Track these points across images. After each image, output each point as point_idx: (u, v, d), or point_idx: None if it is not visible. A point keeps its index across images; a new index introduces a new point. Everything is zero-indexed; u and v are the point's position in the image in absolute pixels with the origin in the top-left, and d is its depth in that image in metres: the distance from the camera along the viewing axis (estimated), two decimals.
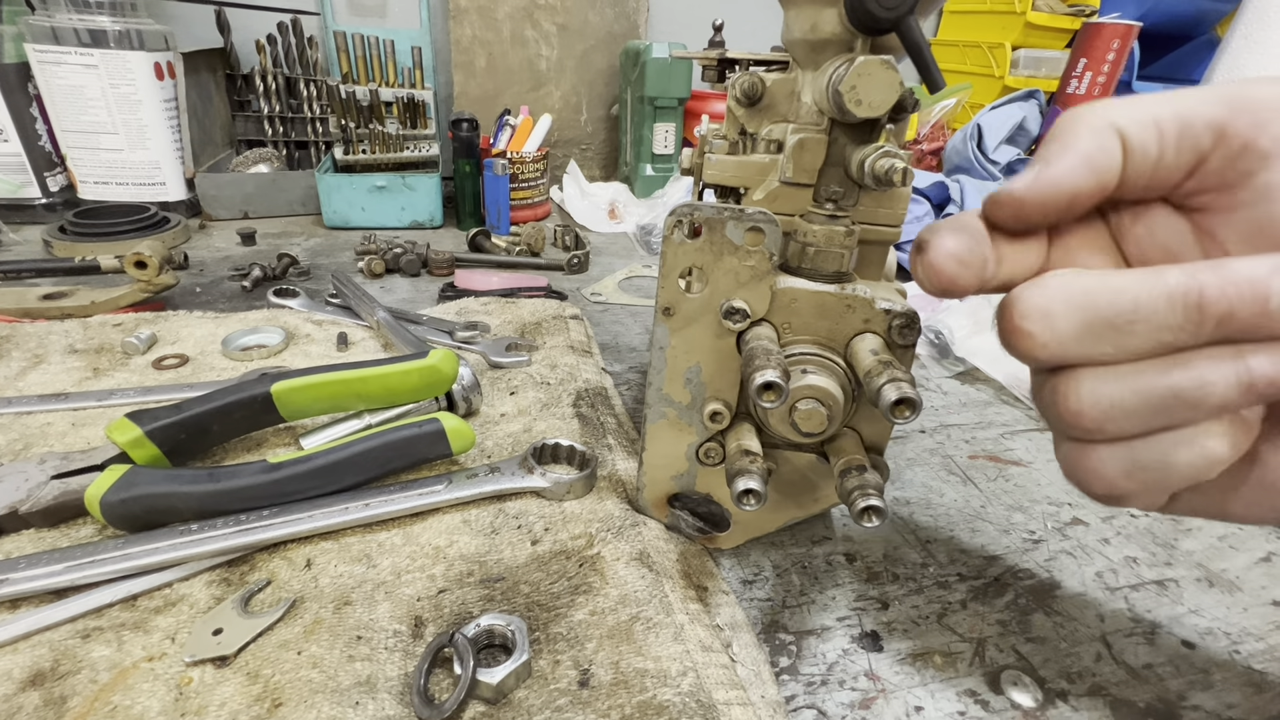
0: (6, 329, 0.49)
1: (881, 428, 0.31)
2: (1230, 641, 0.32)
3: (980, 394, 0.54)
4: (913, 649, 0.30)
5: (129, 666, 0.25)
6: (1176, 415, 0.18)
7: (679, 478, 0.34)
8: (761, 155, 0.32)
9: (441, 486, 0.34)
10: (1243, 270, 0.17)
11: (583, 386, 0.47)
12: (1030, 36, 1.11)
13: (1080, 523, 0.39)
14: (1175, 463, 0.19)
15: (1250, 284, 0.17)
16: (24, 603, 0.28)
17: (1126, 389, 0.19)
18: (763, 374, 0.24)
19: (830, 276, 0.29)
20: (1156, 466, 0.19)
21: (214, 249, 0.75)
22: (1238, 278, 0.17)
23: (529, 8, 1.05)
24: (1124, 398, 0.19)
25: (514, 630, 0.27)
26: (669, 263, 0.29)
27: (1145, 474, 0.19)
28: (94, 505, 0.30)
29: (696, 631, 0.28)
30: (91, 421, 0.40)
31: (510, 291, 0.64)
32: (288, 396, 0.36)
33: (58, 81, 0.74)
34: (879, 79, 0.25)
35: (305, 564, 0.31)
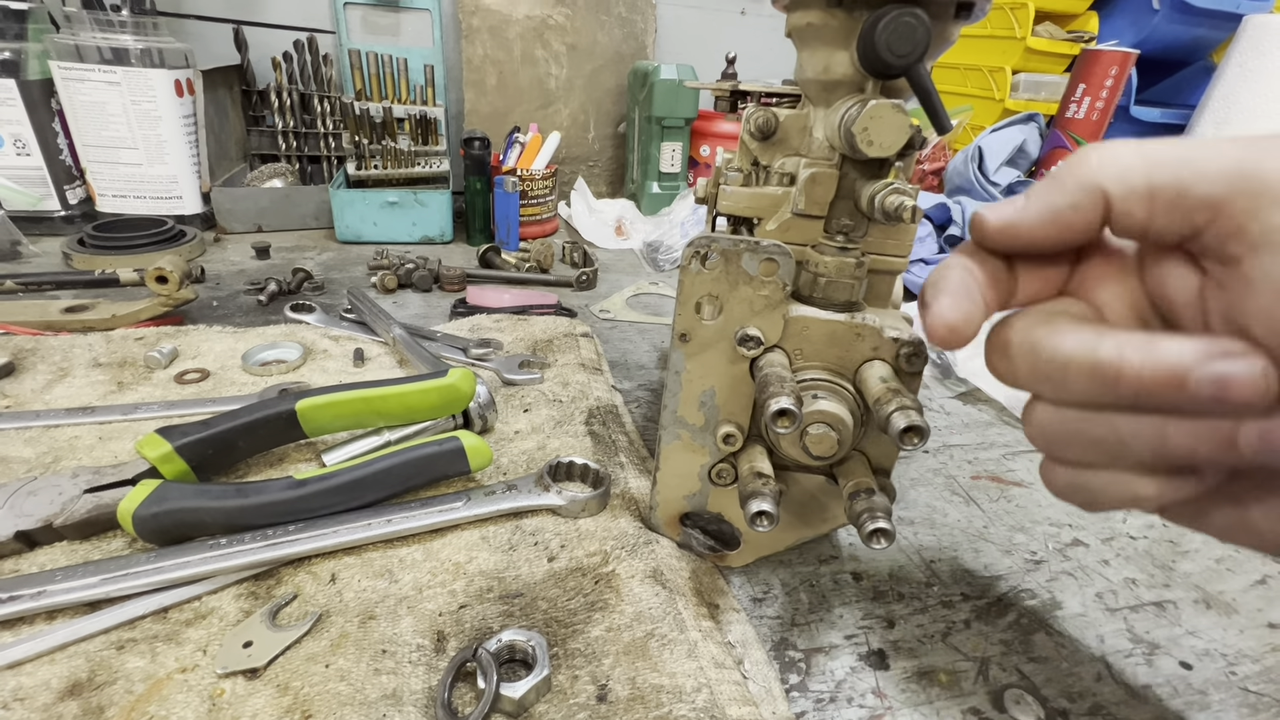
0: (31, 342, 0.50)
1: (889, 450, 0.32)
2: (1227, 663, 0.33)
3: (982, 415, 0.55)
4: (918, 667, 0.31)
5: (163, 678, 0.26)
6: (1103, 457, 0.20)
7: (691, 497, 0.35)
8: (774, 187, 0.34)
9: (460, 503, 0.35)
10: (1169, 352, 0.18)
11: (594, 404, 0.48)
12: (1030, 61, 1.13)
13: (1080, 544, 0.40)
14: (1106, 494, 0.21)
15: (1168, 368, 0.18)
16: (60, 614, 0.29)
17: (1061, 426, 0.21)
18: (777, 401, 0.25)
19: (841, 306, 0.30)
20: (1091, 493, 0.22)
21: (229, 262, 0.77)
22: (1157, 360, 0.18)
23: (539, 28, 1.07)
24: (1060, 432, 0.21)
25: (534, 646, 0.28)
26: (686, 291, 0.30)
27: (1085, 494, 0.22)
28: (126, 519, 0.31)
29: (709, 648, 0.29)
30: (118, 435, 0.41)
31: (522, 309, 0.65)
32: (311, 414, 0.38)
33: (80, 98, 0.75)
34: (890, 122, 0.27)
35: (330, 578, 0.32)
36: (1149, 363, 0.18)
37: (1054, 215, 0.21)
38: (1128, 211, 0.20)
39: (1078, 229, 0.21)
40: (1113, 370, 0.18)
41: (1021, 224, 0.21)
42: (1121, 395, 0.19)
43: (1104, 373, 0.19)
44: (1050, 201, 0.21)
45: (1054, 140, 1.08)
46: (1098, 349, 0.19)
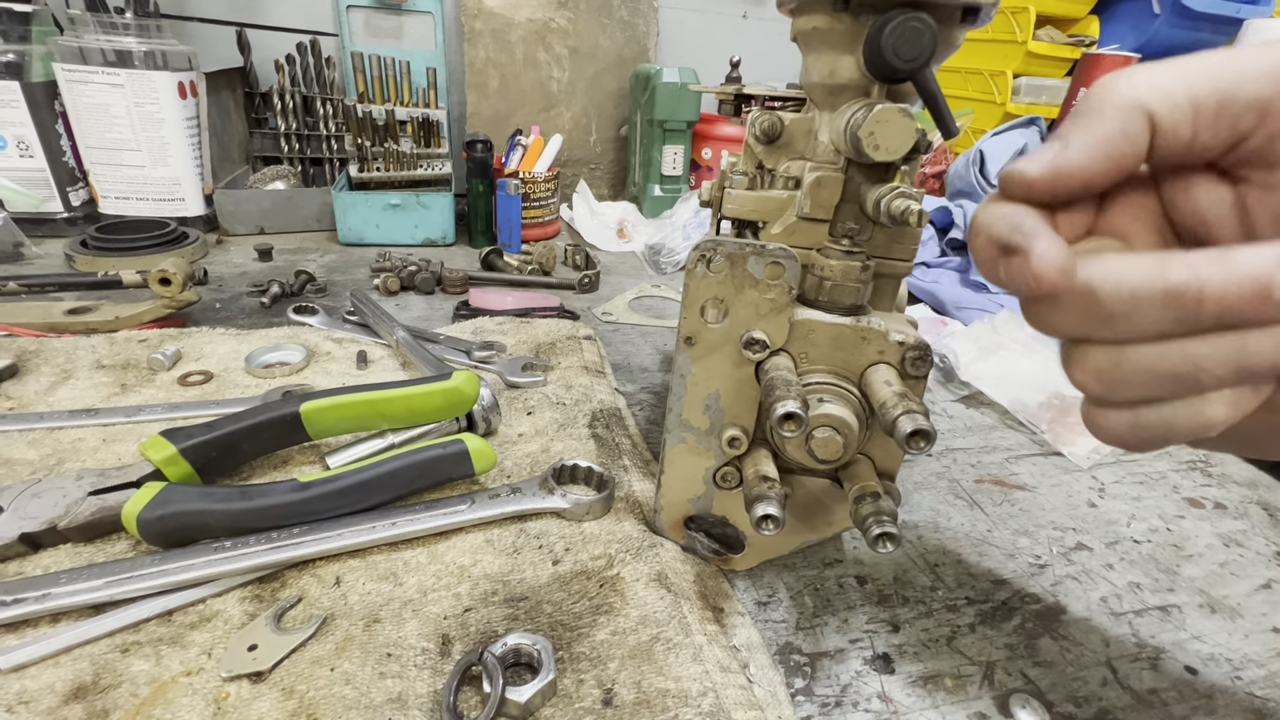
0: (35, 344, 0.50)
1: (894, 454, 0.32)
2: (1232, 668, 0.33)
3: (985, 418, 0.55)
4: (924, 671, 0.31)
5: (168, 681, 0.26)
6: (1174, 388, 0.19)
7: (696, 500, 0.35)
8: (779, 191, 0.34)
9: (465, 506, 0.35)
10: (1246, 264, 0.17)
11: (597, 407, 0.48)
12: (1031, 65, 1.13)
13: (1085, 548, 0.40)
14: (1175, 427, 0.20)
15: (1253, 279, 0.16)
16: (64, 617, 0.29)
17: (1127, 366, 0.19)
18: (784, 404, 0.25)
19: (846, 309, 0.30)
20: (1157, 428, 0.20)
21: (232, 264, 0.77)
22: (1240, 273, 0.17)
23: (541, 31, 1.07)
24: (1125, 373, 0.19)
25: (540, 649, 0.27)
26: (691, 294, 0.30)
27: (1147, 432, 0.20)
28: (131, 522, 0.31)
29: (715, 652, 0.29)
30: (121, 437, 0.41)
31: (524, 311, 0.65)
32: (316, 416, 0.37)
33: (84, 100, 0.75)
34: (896, 126, 0.27)
35: (335, 581, 0.31)
36: (1231, 279, 0.17)
37: (1105, 148, 0.19)
38: (1174, 129, 0.18)
39: (1130, 158, 0.19)
40: (1193, 294, 0.17)
41: (1072, 166, 0.19)
42: (1203, 318, 0.17)
43: (1182, 298, 0.17)
44: (1098, 134, 0.19)
45: None
46: (1168, 275, 0.17)
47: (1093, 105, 0.19)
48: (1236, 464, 0.51)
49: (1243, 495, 0.47)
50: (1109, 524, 0.43)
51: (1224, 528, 0.43)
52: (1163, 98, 0.18)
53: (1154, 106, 0.18)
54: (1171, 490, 0.47)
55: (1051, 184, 0.19)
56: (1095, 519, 0.43)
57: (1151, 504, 0.45)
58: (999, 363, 0.59)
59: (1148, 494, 0.46)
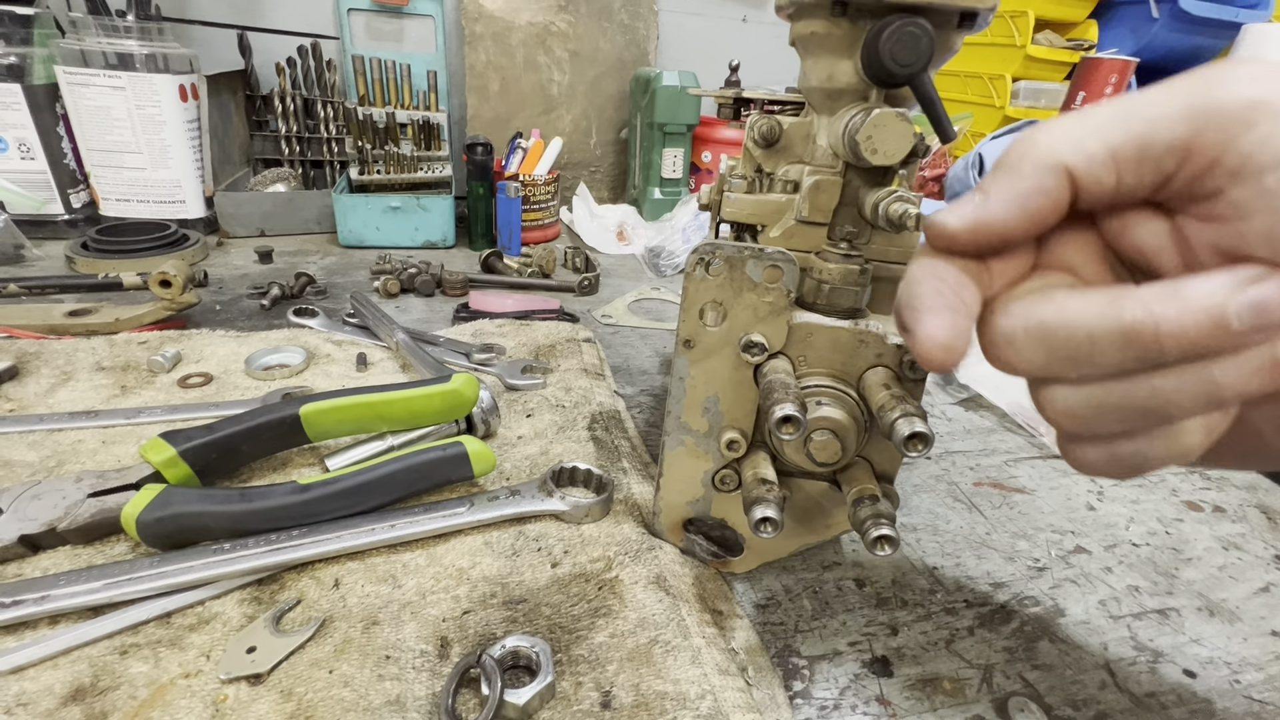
0: (35, 345, 0.50)
1: (892, 457, 0.32)
2: (1231, 671, 0.33)
3: (984, 421, 0.56)
4: (922, 675, 0.31)
5: (166, 683, 0.26)
6: (1145, 421, 0.19)
7: (695, 503, 0.35)
8: (778, 195, 0.34)
9: (464, 509, 0.35)
10: (1197, 297, 0.17)
11: (597, 409, 0.48)
12: (1030, 69, 1.13)
13: (1083, 551, 0.40)
14: (1151, 457, 0.20)
15: (1206, 312, 0.16)
16: (63, 619, 0.29)
17: (1095, 404, 0.19)
18: (782, 407, 0.25)
19: (844, 312, 0.30)
20: (1134, 460, 0.20)
21: (232, 266, 0.77)
22: (1194, 307, 0.17)
23: (542, 34, 1.08)
24: (1094, 411, 0.19)
25: (538, 652, 0.27)
26: (690, 297, 0.30)
27: (1125, 463, 0.20)
28: (130, 524, 0.31)
29: (713, 655, 0.29)
30: (121, 439, 0.41)
31: (524, 314, 0.66)
32: (315, 418, 0.38)
33: (85, 102, 0.76)
34: (894, 130, 0.27)
35: (333, 583, 0.31)
36: (1186, 313, 0.17)
37: (1022, 203, 0.19)
38: (1095, 180, 0.19)
39: (1048, 212, 0.20)
40: (1149, 330, 0.17)
41: (991, 220, 0.20)
42: (1165, 354, 0.17)
43: (1139, 335, 0.17)
44: (1014, 190, 0.19)
45: None
46: (1122, 313, 0.17)
47: (1013, 161, 0.20)
48: None
49: (1241, 498, 0.47)
50: (1108, 527, 0.43)
51: (1223, 531, 0.43)
52: (1078, 152, 0.19)
53: (1070, 161, 0.19)
54: (1170, 493, 0.47)
55: (971, 237, 0.20)
56: (1094, 522, 0.43)
57: (1150, 507, 0.45)
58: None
59: (1146, 497, 0.46)
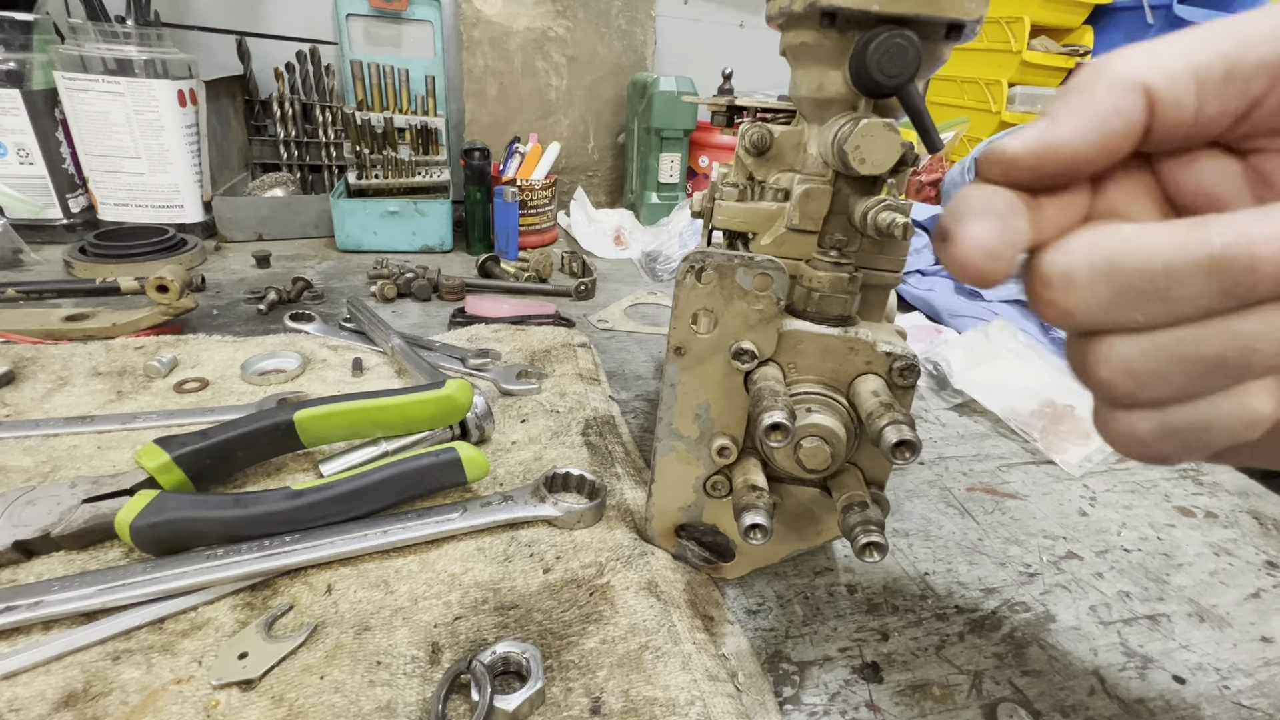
0: (32, 350, 0.50)
1: (883, 463, 0.32)
2: (1220, 677, 0.33)
3: (978, 426, 0.56)
4: (912, 680, 0.31)
5: (158, 689, 0.26)
6: (1219, 380, 0.16)
7: (686, 509, 0.35)
8: (769, 203, 0.34)
9: (456, 514, 0.36)
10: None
11: (591, 415, 0.48)
12: (1026, 74, 1.14)
13: (1075, 557, 0.41)
14: (1215, 427, 0.17)
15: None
16: (56, 624, 0.29)
17: (1163, 356, 0.17)
18: (771, 415, 0.26)
19: (834, 320, 0.30)
20: (1194, 430, 0.17)
21: (229, 271, 0.77)
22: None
23: (540, 40, 1.08)
24: (1161, 365, 0.17)
25: (528, 658, 0.28)
26: (681, 305, 0.30)
27: (1182, 437, 0.18)
28: (124, 530, 0.31)
29: (703, 661, 0.29)
30: (117, 444, 0.41)
31: (520, 319, 0.66)
32: (309, 424, 0.38)
33: (84, 108, 0.76)
34: (882, 140, 0.27)
35: (326, 589, 0.32)
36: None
37: (1097, 124, 0.17)
38: (1176, 103, 0.17)
39: (1123, 137, 0.17)
40: (1244, 256, 0.15)
41: (1060, 143, 0.17)
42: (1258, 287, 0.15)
43: (1232, 263, 0.15)
44: (1089, 110, 0.17)
45: None
46: (1209, 236, 0.15)
47: (1083, 82, 0.18)
48: (1228, 472, 0.51)
49: (1233, 504, 0.47)
50: (1100, 533, 0.43)
51: (1214, 536, 0.44)
52: (1160, 71, 0.17)
53: (1151, 81, 0.17)
54: (1163, 499, 0.47)
55: (1035, 162, 0.18)
56: (1086, 527, 0.43)
57: (1142, 512, 0.46)
58: (992, 371, 0.60)
59: (1139, 502, 0.47)
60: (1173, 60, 0.17)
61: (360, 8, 1.00)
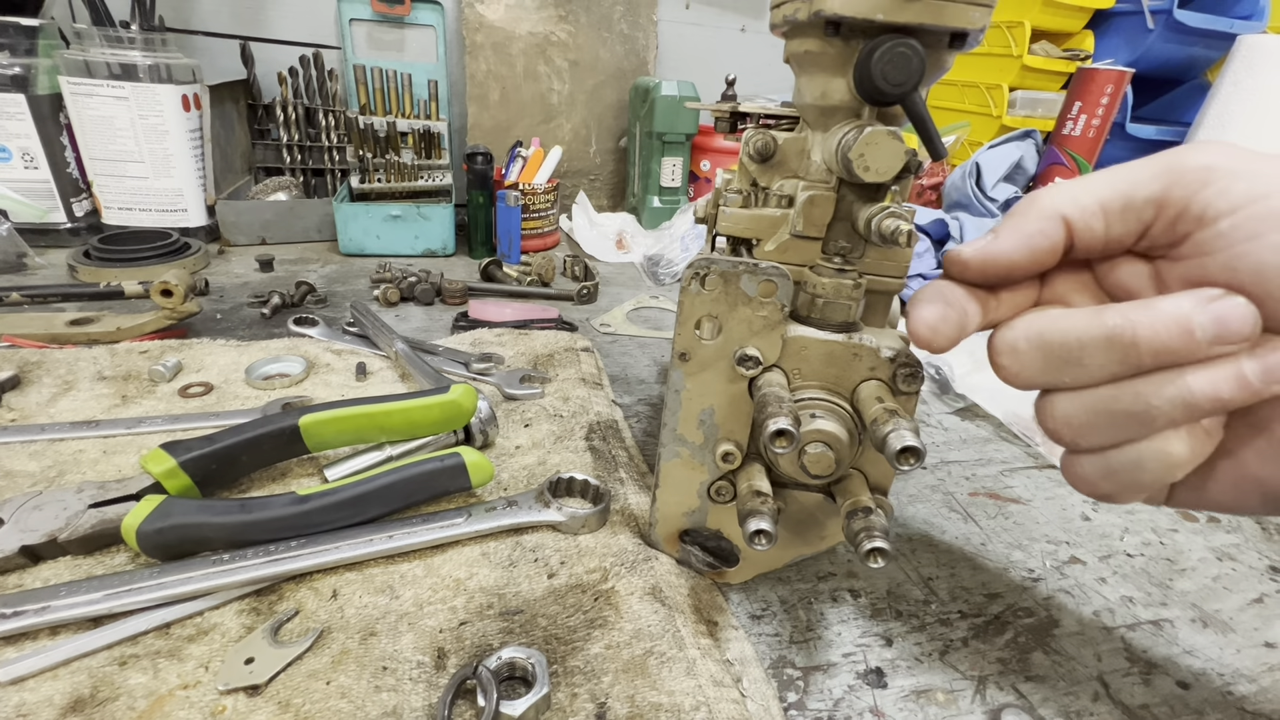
0: (37, 355, 0.50)
1: (886, 469, 0.32)
2: (1224, 682, 0.33)
3: (980, 430, 0.56)
4: (916, 686, 0.31)
5: (165, 694, 0.26)
6: (1133, 429, 0.22)
7: (690, 514, 0.35)
8: (773, 209, 0.34)
9: (461, 519, 0.36)
10: (1168, 307, 0.21)
11: (594, 419, 0.48)
12: (1027, 79, 1.14)
13: (1078, 561, 0.41)
14: (1142, 467, 0.22)
15: (1175, 320, 0.20)
16: (63, 629, 0.29)
17: (1090, 410, 0.22)
18: (775, 421, 0.26)
19: (838, 326, 0.30)
20: (1126, 471, 0.23)
21: (233, 275, 0.77)
22: (1165, 315, 0.20)
23: (542, 44, 1.08)
24: (1089, 417, 0.23)
25: (534, 663, 0.28)
26: (686, 311, 0.30)
27: (1119, 477, 0.23)
28: (130, 535, 0.31)
29: (708, 666, 0.29)
30: (122, 449, 0.41)
31: (523, 323, 0.66)
32: (314, 429, 0.38)
33: (88, 112, 0.76)
34: (886, 149, 0.27)
35: (331, 594, 0.32)
36: (1158, 319, 0.20)
37: (1025, 242, 0.24)
38: (1088, 227, 0.23)
39: (1046, 250, 0.24)
40: (1128, 333, 0.21)
41: (998, 254, 0.24)
42: (1142, 357, 0.21)
43: (1119, 338, 0.21)
44: (1020, 231, 0.24)
45: (1051, 157, 1.09)
46: (1105, 319, 0.21)
47: (1020, 210, 0.25)
48: None
49: None
50: (1102, 537, 0.43)
51: (1217, 541, 0.44)
52: (1075, 205, 0.23)
53: (1068, 212, 0.24)
54: None
55: (981, 265, 0.25)
56: (1089, 532, 0.44)
57: (1145, 517, 0.46)
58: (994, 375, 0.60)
59: (1141, 507, 0.47)
60: (1085, 196, 0.23)
61: (363, 12, 1.01)
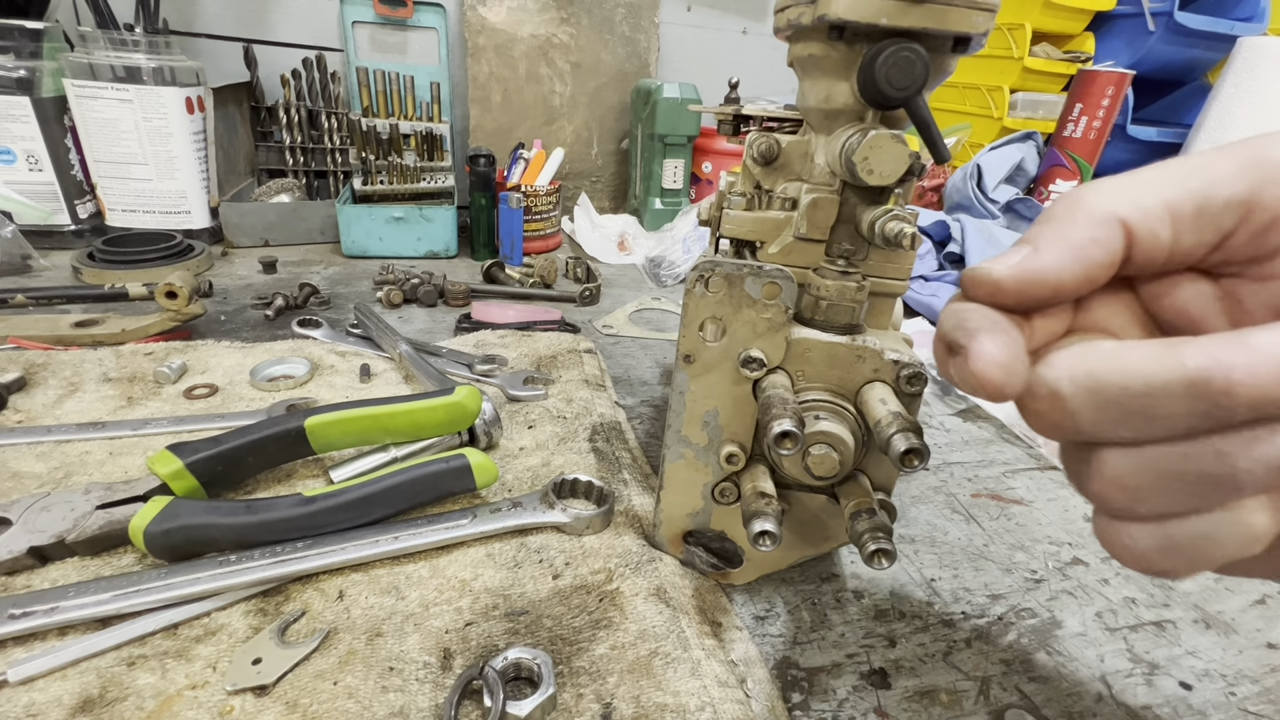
0: (42, 357, 0.51)
1: (890, 470, 0.33)
2: (1226, 684, 0.33)
3: (982, 432, 0.56)
4: (920, 686, 0.31)
5: (173, 694, 0.27)
6: (1208, 496, 0.17)
7: (694, 515, 0.35)
8: (777, 212, 0.35)
9: (466, 520, 0.36)
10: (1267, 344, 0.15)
11: (598, 421, 0.49)
12: (1028, 80, 1.14)
13: (1080, 563, 0.41)
14: (1216, 541, 0.17)
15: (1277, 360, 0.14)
16: (72, 630, 0.29)
17: (1154, 471, 0.17)
18: (780, 423, 0.26)
19: (842, 328, 0.31)
20: (1195, 545, 0.17)
21: (236, 277, 0.77)
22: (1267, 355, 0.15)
23: (544, 47, 1.09)
24: (1152, 480, 0.17)
25: (540, 664, 0.28)
26: (690, 313, 0.30)
27: (1184, 553, 0.17)
28: (138, 536, 0.31)
29: (713, 667, 0.29)
30: (128, 450, 0.41)
31: (525, 324, 0.66)
32: (320, 430, 0.38)
33: (93, 115, 0.77)
34: (889, 151, 0.27)
35: (338, 595, 0.32)
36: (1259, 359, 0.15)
37: (1075, 254, 0.18)
38: (1152, 235, 0.18)
39: (1103, 265, 0.18)
40: (1220, 379, 0.15)
41: (1042, 271, 0.18)
42: (1236, 410, 0.15)
43: (1208, 386, 0.15)
44: (1069, 240, 0.18)
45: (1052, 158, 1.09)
46: (1184, 360, 0.15)
47: (1061, 213, 0.18)
48: None
49: None
50: None
51: None
52: (1134, 206, 0.18)
53: (1127, 215, 0.18)
54: None
55: (1019, 288, 0.18)
56: (1091, 533, 0.44)
57: None
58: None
59: None
60: (1146, 196, 0.18)
61: (366, 15, 1.01)
